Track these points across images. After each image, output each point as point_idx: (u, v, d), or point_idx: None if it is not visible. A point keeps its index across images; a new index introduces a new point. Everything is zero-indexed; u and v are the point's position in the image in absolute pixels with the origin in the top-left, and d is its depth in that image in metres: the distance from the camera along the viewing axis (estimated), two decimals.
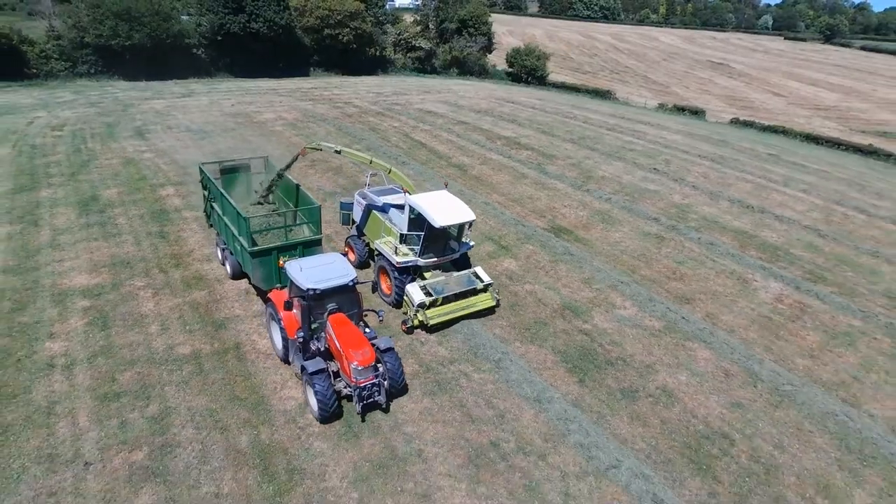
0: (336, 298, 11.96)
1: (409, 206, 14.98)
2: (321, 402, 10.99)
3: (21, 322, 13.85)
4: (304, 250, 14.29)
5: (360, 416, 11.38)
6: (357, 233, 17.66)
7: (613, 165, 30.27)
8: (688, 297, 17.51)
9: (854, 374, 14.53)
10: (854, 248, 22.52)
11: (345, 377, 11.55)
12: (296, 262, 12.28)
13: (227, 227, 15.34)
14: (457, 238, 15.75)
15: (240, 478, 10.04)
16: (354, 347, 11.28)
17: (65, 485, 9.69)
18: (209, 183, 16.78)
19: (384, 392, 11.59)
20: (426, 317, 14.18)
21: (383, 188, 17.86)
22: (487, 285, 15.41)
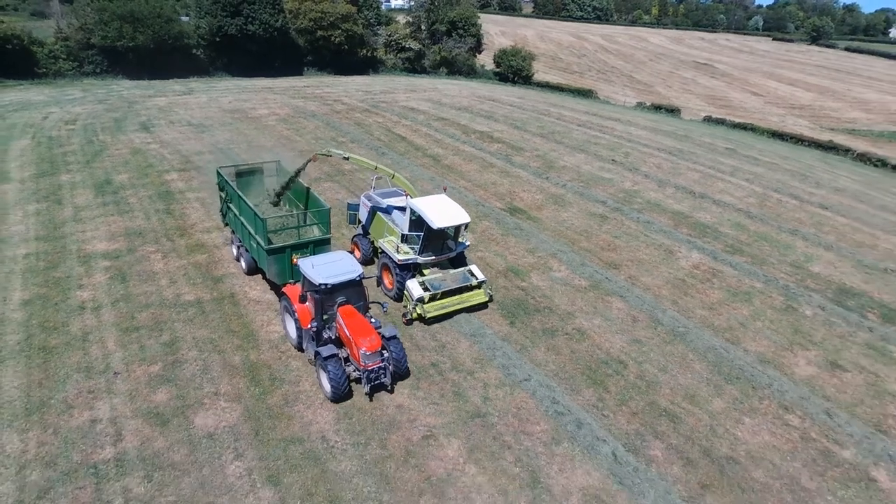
0: (345, 292, 13.17)
1: (410, 208, 16.19)
2: (334, 383, 12.32)
3: (55, 276, 16.89)
4: (315, 248, 15.53)
5: (368, 396, 12.72)
6: (363, 232, 18.81)
7: (576, 157, 33.35)
8: (616, 263, 20.60)
9: (742, 322, 17.63)
10: (777, 228, 25.62)
11: (354, 362, 12.76)
12: (308, 260, 13.49)
13: (244, 226, 16.47)
14: (454, 238, 17.00)
15: (234, 383, 13.10)
16: (363, 335, 12.52)
17: (99, 386, 12.74)
18: (226, 185, 17.96)
19: (389, 374, 12.87)
20: (424, 310, 15.48)
21: (387, 190, 18.91)
22: (481, 282, 16.72)
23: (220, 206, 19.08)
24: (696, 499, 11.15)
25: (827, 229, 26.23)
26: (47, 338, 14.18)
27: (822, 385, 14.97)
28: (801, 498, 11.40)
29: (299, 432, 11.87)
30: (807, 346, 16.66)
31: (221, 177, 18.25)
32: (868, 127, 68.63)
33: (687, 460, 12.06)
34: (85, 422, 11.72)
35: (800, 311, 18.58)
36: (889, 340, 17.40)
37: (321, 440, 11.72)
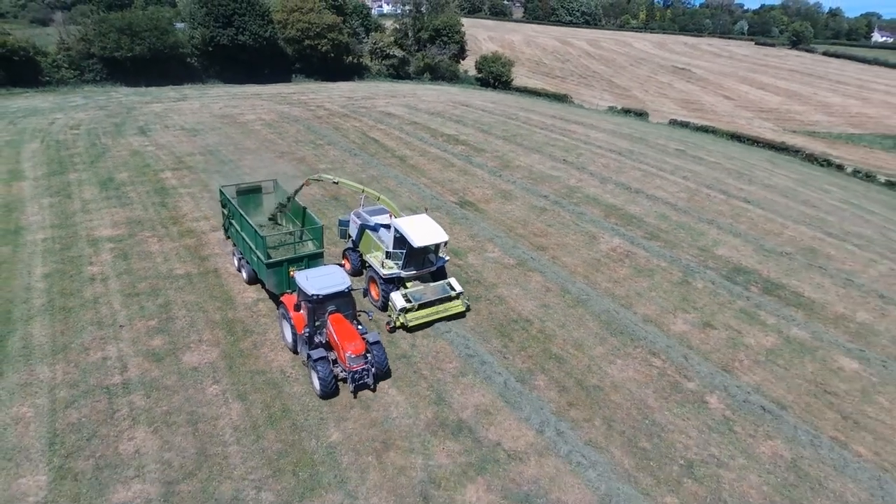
0: (335, 302, 14.65)
1: (394, 227, 17.74)
2: (322, 382, 13.88)
3: (69, 255, 20.47)
4: (309, 262, 16.91)
5: (353, 394, 14.33)
6: (353, 246, 20.17)
7: (531, 157, 37.06)
8: (544, 247, 24.28)
9: (639, 292, 21.31)
10: (696, 218, 29.34)
11: (341, 364, 14.31)
12: (303, 273, 15.06)
13: (245, 241, 17.90)
14: (434, 253, 18.57)
15: (214, 333, 16.70)
16: (349, 340, 14.14)
17: (108, 335, 16.32)
18: (228, 203, 19.31)
19: (372, 375, 14.47)
20: (406, 319, 16.95)
21: (374, 208, 20.15)
22: (459, 294, 18.19)
23: (223, 221, 20.53)
24: (562, 412, 14.79)
25: (742, 220, 29.95)
26: (65, 301, 17.76)
27: (689, 338, 18.66)
28: (643, 413, 15.05)
29: (263, 367, 15.48)
30: (688, 311, 20.35)
31: (224, 195, 19.65)
32: (828, 129, 72.61)
33: (562, 388, 15.71)
34: (98, 359, 15.31)
35: (692, 285, 22.27)
36: (761, 307, 21.09)
37: (280, 372, 15.32)
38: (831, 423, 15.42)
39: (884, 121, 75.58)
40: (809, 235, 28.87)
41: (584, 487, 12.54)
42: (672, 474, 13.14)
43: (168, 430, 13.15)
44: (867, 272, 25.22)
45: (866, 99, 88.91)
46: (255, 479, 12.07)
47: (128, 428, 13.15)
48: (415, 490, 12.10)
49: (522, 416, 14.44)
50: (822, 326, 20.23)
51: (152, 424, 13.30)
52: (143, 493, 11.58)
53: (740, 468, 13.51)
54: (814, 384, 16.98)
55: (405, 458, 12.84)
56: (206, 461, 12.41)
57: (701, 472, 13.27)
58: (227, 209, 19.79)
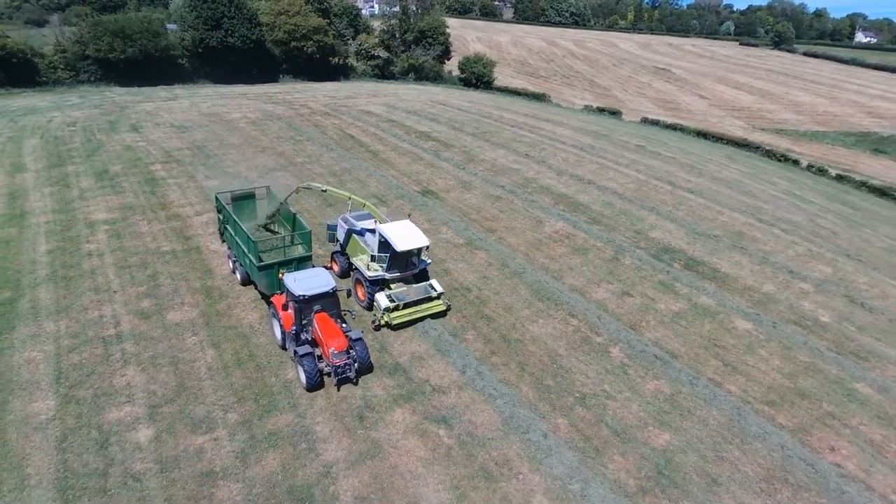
0: (320, 302, 15.65)
1: (378, 232, 18.80)
2: (308, 376, 14.93)
3: (69, 235, 23.30)
4: (298, 264, 17.97)
5: (337, 388, 15.46)
6: (340, 249, 21.30)
7: (496, 152, 40.02)
8: (493, 229, 27.24)
9: (571, 267, 24.28)
10: (639, 206, 32.33)
11: (326, 359, 15.32)
12: (291, 275, 16.02)
13: (239, 245, 18.96)
14: (417, 256, 19.69)
15: (194, 297, 19.56)
16: (332, 337, 15.19)
17: (104, 298, 19.17)
18: (223, 209, 20.38)
19: (354, 370, 15.55)
20: (390, 318, 18.07)
21: (361, 213, 21.11)
22: (440, 294, 19.33)
23: (218, 226, 21.65)
24: (484, 358, 17.73)
25: (682, 208, 32.96)
26: (66, 272, 20.61)
27: (607, 303, 21.64)
28: (553, 360, 18.02)
29: (235, 323, 18.38)
30: (611, 282, 23.33)
31: (219, 201, 20.66)
32: (795, 127, 75.89)
33: (487, 340, 18.66)
34: (95, 316, 18.17)
35: (621, 261, 25.26)
36: (678, 280, 24.10)
37: (248, 327, 18.22)
38: (713, 368, 18.42)
39: (848, 119, 78.94)
40: (741, 221, 31.90)
41: (492, 412, 15.50)
42: (567, 404, 16.11)
43: (153, 370, 16.04)
44: (785, 252, 28.26)
45: (835, 98, 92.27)
46: (224, 404, 14.97)
47: (120, 367, 16.03)
48: (353, 413, 15.02)
49: (450, 361, 17.38)
50: (728, 295, 23.25)
51: (140, 365, 16.18)
52: (132, 413, 14.47)
53: (625, 400, 16.50)
54: (707, 340, 19.99)
55: (347, 390, 15.76)
56: (184, 391, 15.30)
57: (591, 402, 16.24)
58: (222, 214, 20.86)
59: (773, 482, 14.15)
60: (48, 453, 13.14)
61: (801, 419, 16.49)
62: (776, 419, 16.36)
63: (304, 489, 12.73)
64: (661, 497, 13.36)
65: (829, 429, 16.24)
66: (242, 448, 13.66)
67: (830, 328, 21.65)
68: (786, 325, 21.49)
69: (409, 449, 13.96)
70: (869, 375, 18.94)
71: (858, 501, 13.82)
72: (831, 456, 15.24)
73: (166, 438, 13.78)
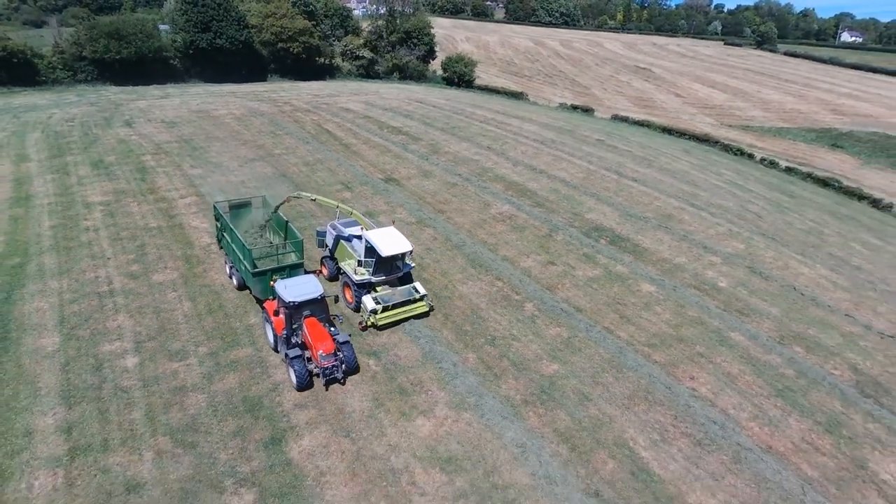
0: (309, 307, 16.63)
1: (365, 239, 19.94)
2: (298, 377, 15.97)
3: (69, 214, 26.83)
4: (291, 271, 19.07)
5: (325, 387, 16.53)
6: (329, 254, 22.47)
7: (461, 145, 43.60)
8: (444, 210, 30.82)
9: (507, 241, 27.86)
10: (583, 192, 35.93)
11: (314, 361, 16.35)
12: (282, 282, 16.99)
13: (235, 252, 19.99)
14: (401, 261, 20.79)
15: (176, 263, 23.10)
16: (321, 340, 16.27)
17: (99, 263, 22.70)
18: (221, 217, 21.50)
19: (341, 371, 16.58)
20: (376, 319, 19.21)
21: (348, 220, 22.27)
22: (423, 296, 20.47)
23: (216, 233, 23.02)
24: None
25: (623, 194, 36.57)
26: (67, 243, 24.15)
27: (531, 270, 25.23)
28: (474, 312, 21.57)
29: (209, 283, 21.92)
30: (540, 254, 26.94)
31: (217, 210, 21.94)
32: (761, 124, 79.50)
33: None
34: (92, 276, 21.72)
35: (553, 238, 28.86)
36: (600, 252, 27.70)
37: (220, 286, 21.76)
38: (609, 320, 22.03)
39: (813, 116, 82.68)
40: (674, 206, 35.52)
41: (415, 348, 19.07)
42: (478, 343, 19.70)
43: (139, 316, 19.60)
44: (705, 232, 31.89)
45: (803, 96, 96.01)
46: (196, 341, 18.54)
47: (112, 314, 19.59)
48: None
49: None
50: (642, 265, 26.87)
51: (129, 313, 19.74)
52: (121, 347, 18.03)
53: (528, 341, 20.11)
54: (611, 299, 23.60)
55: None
56: (164, 332, 18.87)
57: (499, 343, 19.84)
58: (219, 223, 21.98)
59: (634, 399, 17.78)
60: (54, 374, 16.70)
61: (673, 357, 20.11)
62: (652, 357, 19.99)
63: (256, 399, 16.31)
64: (539, 407, 16.97)
65: (694, 364, 19.87)
66: (209, 371, 17.23)
67: (725, 291, 25.28)
68: (686, 288, 25.12)
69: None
70: (745, 327, 22.58)
71: (700, 413, 17.44)
72: (689, 382, 18.87)
73: (148, 364, 17.35)
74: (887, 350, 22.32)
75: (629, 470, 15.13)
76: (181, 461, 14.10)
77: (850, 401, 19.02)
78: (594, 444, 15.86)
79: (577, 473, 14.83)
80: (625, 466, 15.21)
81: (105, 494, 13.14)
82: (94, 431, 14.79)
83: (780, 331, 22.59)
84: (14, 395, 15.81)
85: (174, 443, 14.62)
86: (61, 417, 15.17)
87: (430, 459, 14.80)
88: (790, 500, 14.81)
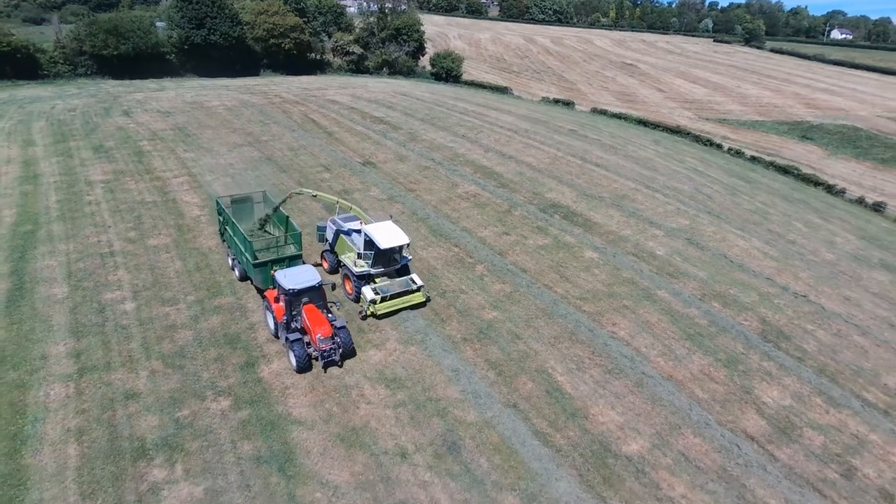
0: (308, 294, 17.69)
1: (364, 232, 20.85)
2: (298, 359, 16.98)
3: (73, 190, 29.83)
4: (290, 262, 20.05)
5: (323, 369, 17.56)
6: (330, 248, 23.55)
7: (438, 134, 46.61)
8: (414, 189, 33.83)
9: (469, 216, 30.86)
10: (546, 175, 38.93)
11: (313, 345, 17.37)
12: (282, 272, 18.05)
13: (237, 244, 21.02)
14: (399, 253, 21.78)
15: (168, 230, 26.13)
16: (319, 325, 17.23)
17: (101, 231, 25.72)
18: (223, 212, 22.64)
19: (339, 354, 17.62)
20: (375, 309, 20.23)
21: (347, 216, 23.23)
22: (420, 287, 21.42)
23: (219, 227, 24.19)
24: None
25: (583, 177, 39.59)
26: (72, 214, 27.16)
27: (486, 239, 28.24)
28: (430, 271, 24.61)
29: (198, 246, 24.94)
30: (496, 226, 29.96)
31: (219, 205, 23.03)
32: (738, 117, 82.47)
33: None
34: (95, 241, 24.75)
35: (512, 213, 31.88)
36: (553, 225, 30.71)
37: (208, 249, 24.78)
38: (550, 279, 25.08)
39: (787, 109, 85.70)
40: (631, 187, 38.56)
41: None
42: (430, 296, 22.74)
43: (136, 272, 22.63)
44: (655, 210, 34.91)
45: (780, 91, 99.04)
46: (185, 291, 21.57)
47: (113, 270, 22.62)
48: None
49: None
50: (589, 236, 29.89)
51: (127, 269, 22.78)
52: (121, 295, 21.06)
53: (474, 294, 23.16)
54: (556, 263, 26.64)
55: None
56: (157, 284, 21.91)
57: (448, 295, 22.86)
58: (222, 217, 23.10)
59: (559, 339, 20.85)
60: (64, 315, 19.73)
61: (601, 308, 23.18)
62: (582, 308, 23.05)
63: (234, 335, 19.35)
64: (476, 343, 20.03)
65: (619, 314, 22.93)
66: (196, 314, 20.28)
67: (660, 258, 28.33)
68: (625, 255, 28.17)
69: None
70: (671, 286, 25.63)
71: (615, 350, 20.51)
72: (611, 327, 21.95)
73: (144, 308, 20.39)
74: (797, 307, 25.39)
75: (545, 390, 18.20)
76: (171, 378, 17.15)
77: (752, 344, 22.08)
78: (518, 370, 18.93)
79: (500, 391, 17.90)
80: (541, 387, 18.28)
81: (108, 400, 16.17)
82: (99, 356, 17.83)
83: (702, 290, 25.64)
84: (31, 329, 18.85)
85: (165, 365, 17.67)
86: (71, 347, 18.21)
87: (378, 379, 17.86)
88: (678, 413, 17.88)
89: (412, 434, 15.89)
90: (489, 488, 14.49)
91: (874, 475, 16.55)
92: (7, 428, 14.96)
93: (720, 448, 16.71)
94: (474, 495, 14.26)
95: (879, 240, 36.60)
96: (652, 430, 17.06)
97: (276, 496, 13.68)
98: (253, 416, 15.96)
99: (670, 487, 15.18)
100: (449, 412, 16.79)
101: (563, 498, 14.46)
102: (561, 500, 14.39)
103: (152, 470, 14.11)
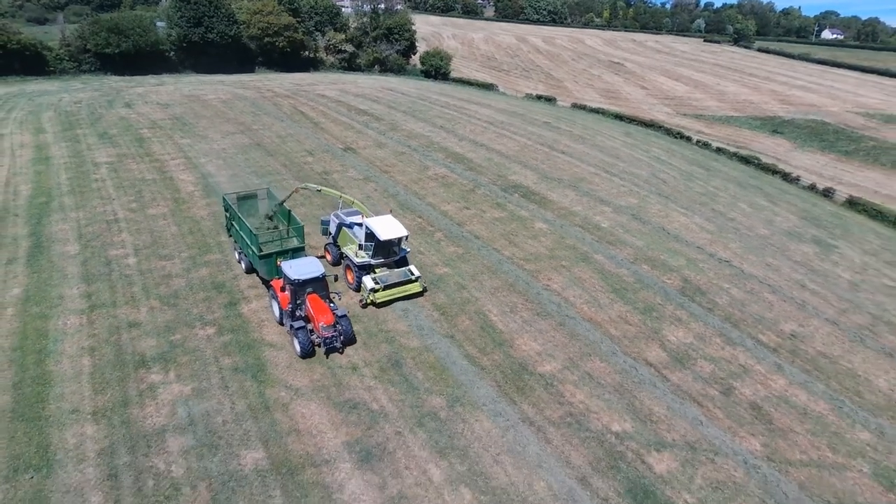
0: (311, 285, 18.58)
1: (365, 225, 21.93)
2: (302, 345, 18.01)
3: (81, 170, 33.45)
4: (293, 254, 20.94)
5: (326, 355, 18.66)
6: (333, 241, 24.76)
7: (417, 124, 50.20)
8: (388, 171, 37.40)
9: (435, 193, 34.43)
10: (513, 161, 42.49)
11: (316, 332, 18.33)
12: (287, 263, 19.02)
13: (243, 238, 22.04)
14: (398, 245, 22.84)
15: (166, 202, 29.74)
16: (322, 314, 18.30)
17: (106, 202, 29.31)
18: (230, 207, 23.63)
19: (340, 341, 18.59)
20: (375, 298, 21.35)
21: (350, 210, 24.45)
22: (417, 277, 22.51)
23: (225, 222, 25.24)
24: None
25: (548, 162, 43.15)
26: (81, 189, 30.77)
27: (448, 212, 31.77)
28: None
29: (192, 215, 28.52)
30: (459, 202, 33.52)
31: (226, 201, 24.11)
32: (714, 113, 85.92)
33: None
34: (101, 210, 28.35)
35: (475, 192, 35.44)
36: (510, 202, 34.24)
37: (201, 217, 28.35)
38: (500, 244, 28.61)
39: (762, 105, 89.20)
40: (590, 172, 42.11)
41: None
42: None
43: (138, 234, 26.23)
44: (608, 191, 38.46)
45: (757, 88, 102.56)
46: (179, 249, 25.15)
47: (117, 233, 26.22)
48: None
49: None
50: (542, 211, 33.43)
51: (130, 232, 26.37)
52: (124, 252, 24.63)
53: (430, 255, 26.72)
54: (508, 232, 30.17)
55: None
56: (156, 243, 25.50)
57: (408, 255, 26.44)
58: (228, 213, 24.11)
59: (501, 289, 24.39)
60: (76, 266, 23.32)
61: (540, 266, 26.72)
62: (524, 266, 26.60)
63: (221, 282, 22.92)
64: (426, 292, 23.57)
65: (555, 272, 26.48)
66: (188, 266, 23.87)
67: (603, 229, 31.86)
68: (572, 227, 31.72)
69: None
70: (609, 252, 29.16)
71: (546, 299, 24.06)
72: (546, 282, 25.49)
73: (144, 262, 23.98)
74: (719, 270, 28.90)
75: (479, 326, 21.76)
76: (166, 312, 20.74)
77: (670, 298, 25.61)
78: (459, 311, 22.51)
79: (441, 326, 21.46)
80: (477, 324, 21.84)
81: (114, 328, 19.75)
82: (106, 297, 21.42)
83: (636, 255, 29.18)
84: (49, 277, 22.44)
85: (162, 303, 21.26)
86: (83, 290, 21.79)
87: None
88: (591, 346, 21.42)
89: (363, 354, 19.45)
90: (422, 392, 18.05)
91: (749, 393, 20.06)
92: (34, 345, 18.55)
93: (621, 370, 20.25)
94: (409, 397, 17.81)
95: (819, 220, 40.10)
96: (565, 356, 20.60)
97: (249, 394, 17.24)
98: (233, 340, 19.53)
99: (572, 395, 18.72)
100: (395, 339, 20.36)
101: (480, 400, 18.01)
102: (479, 402, 17.93)
103: (150, 375, 17.68)
